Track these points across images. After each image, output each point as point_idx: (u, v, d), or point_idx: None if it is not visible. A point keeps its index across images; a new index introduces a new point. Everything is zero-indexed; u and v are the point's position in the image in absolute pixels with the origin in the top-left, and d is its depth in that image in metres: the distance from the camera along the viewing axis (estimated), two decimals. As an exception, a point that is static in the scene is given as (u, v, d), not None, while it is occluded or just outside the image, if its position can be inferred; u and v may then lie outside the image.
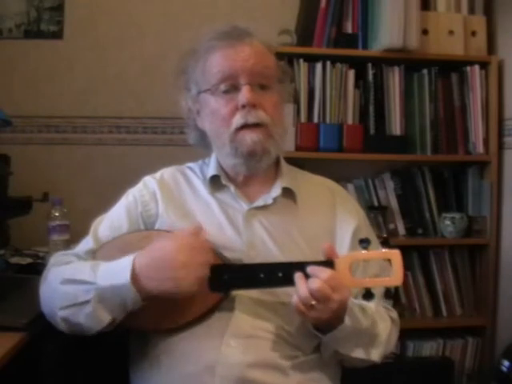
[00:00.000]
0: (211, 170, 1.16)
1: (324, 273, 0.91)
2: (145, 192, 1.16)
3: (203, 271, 0.95)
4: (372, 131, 2.03)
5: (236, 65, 1.08)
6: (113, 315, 0.96)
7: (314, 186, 1.22)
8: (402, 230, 2.11)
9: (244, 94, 1.06)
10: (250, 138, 1.07)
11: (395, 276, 0.95)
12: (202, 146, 1.21)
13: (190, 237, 0.98)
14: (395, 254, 0.95)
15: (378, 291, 0.98)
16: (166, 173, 1.21)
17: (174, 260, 0.94)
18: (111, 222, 1.14)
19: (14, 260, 1.65)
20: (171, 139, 2.13)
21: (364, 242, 0.95)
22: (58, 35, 2.12)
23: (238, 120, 1.07)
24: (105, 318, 0.96)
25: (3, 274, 1.54)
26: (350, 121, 2.02)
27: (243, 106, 1.07)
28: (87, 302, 0.96)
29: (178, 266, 0.93)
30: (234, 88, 1.09)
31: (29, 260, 1.65)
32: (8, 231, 1.64)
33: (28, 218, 1.64)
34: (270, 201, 1.13)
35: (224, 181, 1.15)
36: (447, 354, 2.05)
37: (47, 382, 1.10)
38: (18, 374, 1.05)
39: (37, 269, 1.52)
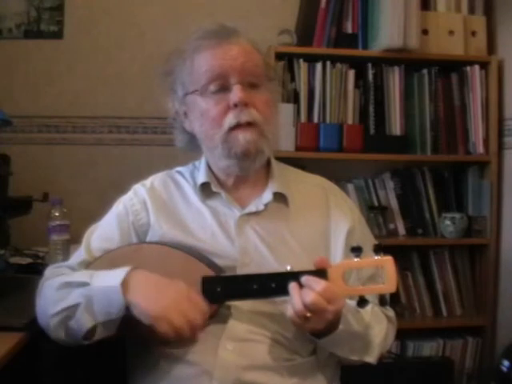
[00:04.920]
0: (201, 177, 1.14)
1: (318, 284, 0.90)
2: (135, 201, 1.14)
3: (182, 324, 0.90)
4: (372, 131, 2.03)
5: (225, 64, 1.05)
6: (95, 320, 0.95)
7: (307, 187, 1.19)
8: (401, 230, 2.11)
9: (236, 93, 1.04)
10: (243, 137, 1.05)
11: (389, 283, 0.94)
12: (191, 149, 1.18)
13: (196, 295, 0.95)
14: (388, 261, 0.94)
15: (372, 297, 0.97)
16: (157, 180, 1.18)
17: (169, 291, 0.93)
18: (102, 232, 1.12)
19: (14, 260, 1.65)
20: (171, 139, 2.08)
21: (356, 251, 0.94)
22: (58, 35, 2.13)
23: (230, 120, 1.05)
24: (87, 322, 0.95)
25: (3, 274, 1.54)
26: (350, 121, 2.02)
27: (235, 106, 1.04)
28: (79, 304, 0.95)
29: (168, 298, 0.92)
30: (223, 88, 1.06)
31: (29, 260, 1.66)
32: (8, 231, 1.64)
33: (28, 218, 1.64)
34: (261, 207, 1.10)
35: (214, 188, 1.12)
36: (447, 354, 2.05)
37: (46, 382, 1.10)
38: (18, 374, 1.05)
39: (37, 269, 1.52)
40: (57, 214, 1.54)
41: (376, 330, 1.06)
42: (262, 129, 1.06)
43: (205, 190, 1.13)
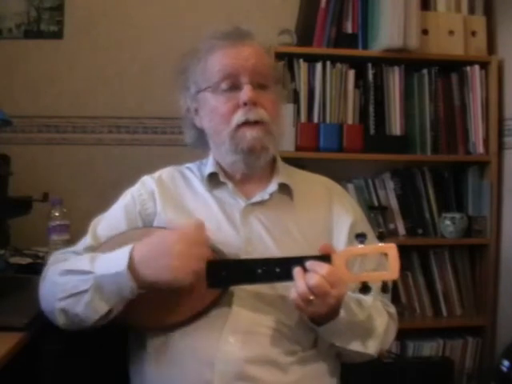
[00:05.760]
0: (209, 168, 1.18)
1: (322, 268, 0.92)
2: (143, 191, 1.17)
3: (199, 264, 0.95)
4: (372, 131, 2.03)
5: (237, 64, 1.10)
6: (110, 305, 0.97)
7: (310, 184, 1.23)
8: (401, 230, 2.11)
9: (246, 92, 1.08)
10: (250, 134, 1.09)
11: (391, 270, 0.95)
12: (199, 146, 1.22)
13: (190, 230, 0.98)
14: (391, 248, 0.95)
15: (374, 286, 0.99)
16: (165, 172, 1.23)
17: (171, 249, 0.95)
18: (110, 221, 1.15)
19: (14, 260, 1.65)
20: (171, 139, 2.13)
21: (360, 237, 0.96)
22: (58, 35, 2.12)
23: (239, 117, 1.09)
24: (101, 308, 0.96)
25: (3, 274, 1.53)
26: (350, 121, 2.02)
27: (245, 104, 1.08)
28: (85, 291, 0.96)
29: (175, 256, 0.94)
30: (234, 87, 1.10)
31: (29, 260, 1.65)
32: (8, 231, 1.64)
33: (28, 218, 1.64)
34: (266, 196, 1.14)
35: (222, 178, 1.16)
36: (447, 354, 2.05)
37: (46, 382, 1.10)
38: (18, 374, 1.05)
39: (37, 269, 1.52)
40: (57, 214, 1.54)
41: (377, 322, 1.08)
42: (268, 127, 1.10)
43: (212, 181, 1.17)
